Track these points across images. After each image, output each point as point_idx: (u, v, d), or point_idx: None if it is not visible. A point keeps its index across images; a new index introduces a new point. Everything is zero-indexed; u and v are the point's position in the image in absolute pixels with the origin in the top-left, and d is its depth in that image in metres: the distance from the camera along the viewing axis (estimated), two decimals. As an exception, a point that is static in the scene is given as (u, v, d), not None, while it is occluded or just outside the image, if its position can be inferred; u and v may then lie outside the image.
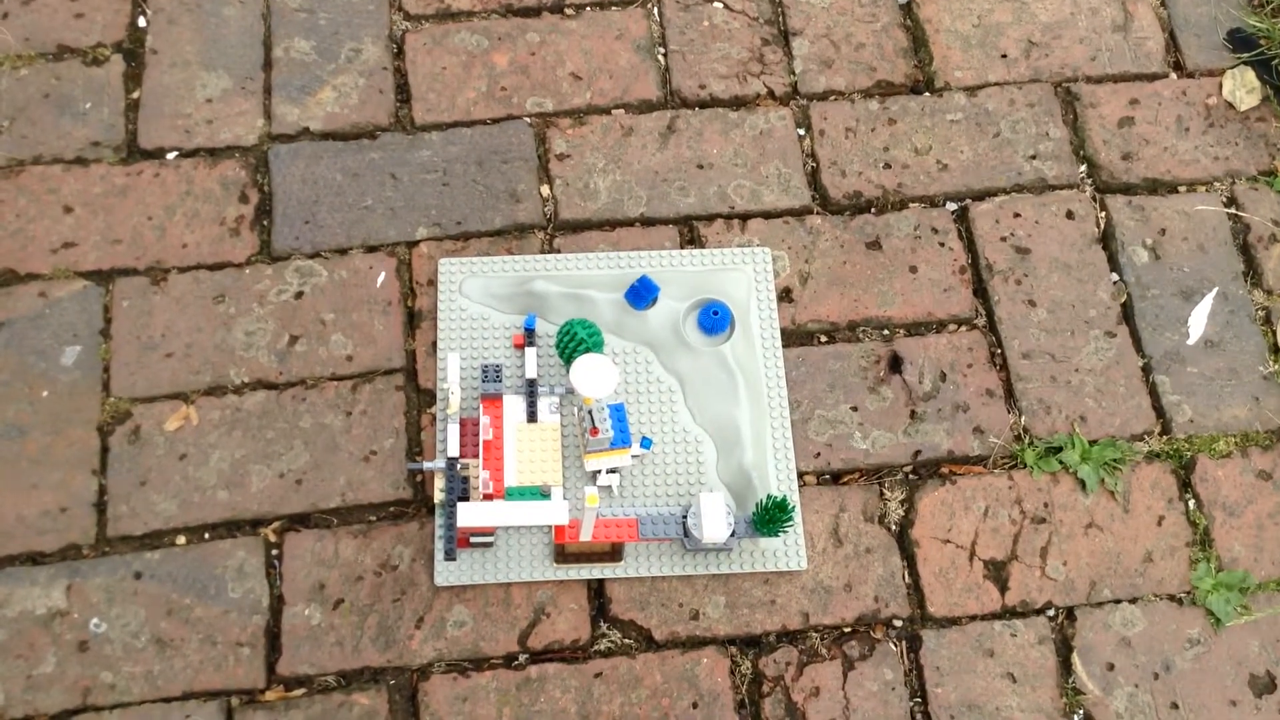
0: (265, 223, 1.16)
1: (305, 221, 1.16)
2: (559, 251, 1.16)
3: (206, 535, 1.03)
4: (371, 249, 1.15)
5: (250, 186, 1.18)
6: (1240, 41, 1.31)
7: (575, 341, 1.07)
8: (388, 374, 1.10)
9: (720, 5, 1.31)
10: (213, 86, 1.23)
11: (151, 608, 1.00)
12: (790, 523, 1.01)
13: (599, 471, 1.06)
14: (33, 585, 1.01)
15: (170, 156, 1.19)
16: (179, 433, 1.07)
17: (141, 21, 1.26)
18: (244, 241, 1.15)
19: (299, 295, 1.13)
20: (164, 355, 1.10)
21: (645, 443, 1.08)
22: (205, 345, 1.11)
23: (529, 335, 1.10)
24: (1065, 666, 1.02)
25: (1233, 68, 1.29)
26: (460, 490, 1.01)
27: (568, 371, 1.10)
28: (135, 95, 1.22)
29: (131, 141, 1.20)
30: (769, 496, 1.00)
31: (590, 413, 1.05)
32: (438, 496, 1.02)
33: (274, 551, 1.03)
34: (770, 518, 1.00)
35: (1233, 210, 1.21)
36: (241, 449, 1.06)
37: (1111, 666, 1.02)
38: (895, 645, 1.02)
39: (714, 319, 1.13)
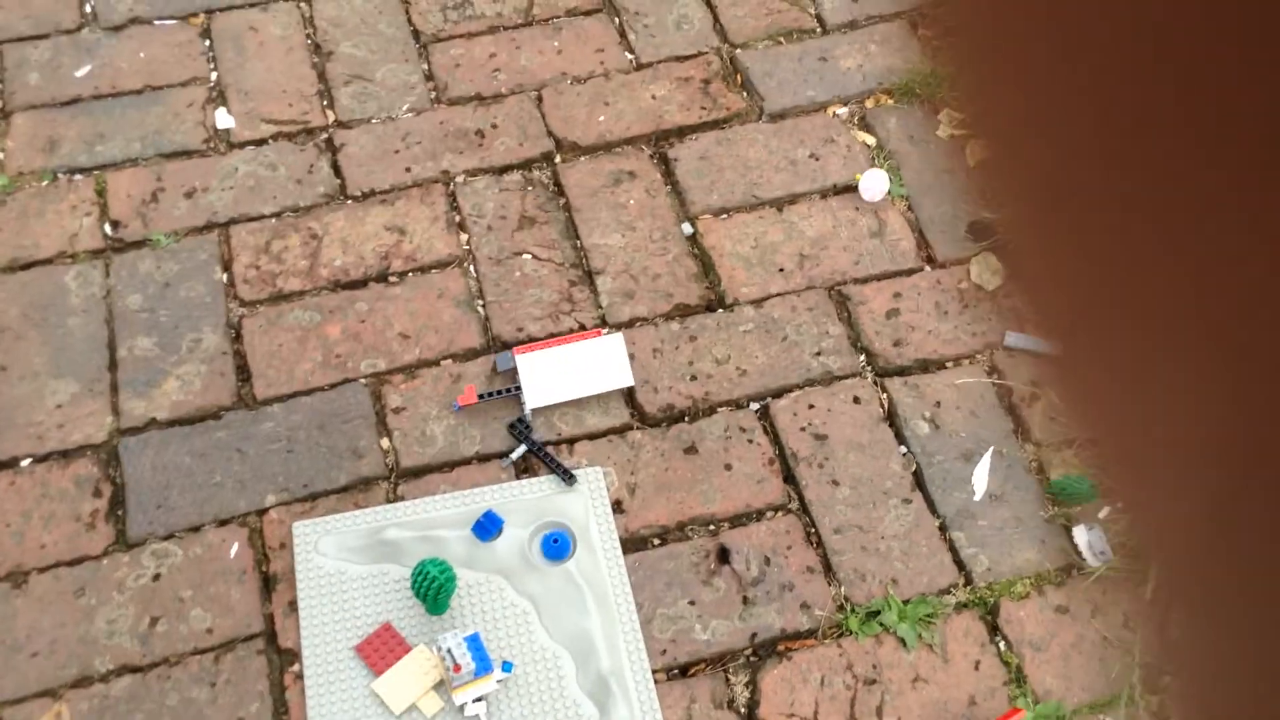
0: (120, 513, 1.23)
1: (158, 506, 1.23)
2: (404, 498, 1.26)
3: (81, 829, 1.05)
4: (223, 522, 1.23)
5: (103, 480, 1.25)
6: (980, 230, 1.52)
7: (428, 580, 1.15)
8: (248, 640, 1.15)
9: (529, 256, 1.46)
10: (62, 392, 1.31)
11: None
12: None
13: (465, 704, 1.13)
14: None
15: (25, 464, 1.26)
16: (47, 730, 1.10)
17: (-11, 340, 1.35)
18: (100, 534, 1.22)
19: (156, 577, 1.19)
20: (29, 655, 1.14)
21: (506, 666, 1.15)
22: (69, 639, 1.15)
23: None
24: (915, 817, 1.10)
25: (976, 255, 1.50)
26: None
27: (427, 610, 1.17)
28: (-14, 409, 1.30)
29: (-15, 453, 1.26)
30: None
31: (450, 651, 1.12)
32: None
33: (150, 834, 1.05)
34: None
35: (995, 378, 1.39)
36: (111, 736, 1.10)
37: (956, 809, 1.10)
38: (758, 824, 1.09)
39: (554, 546, 1.22)
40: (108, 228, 1.45)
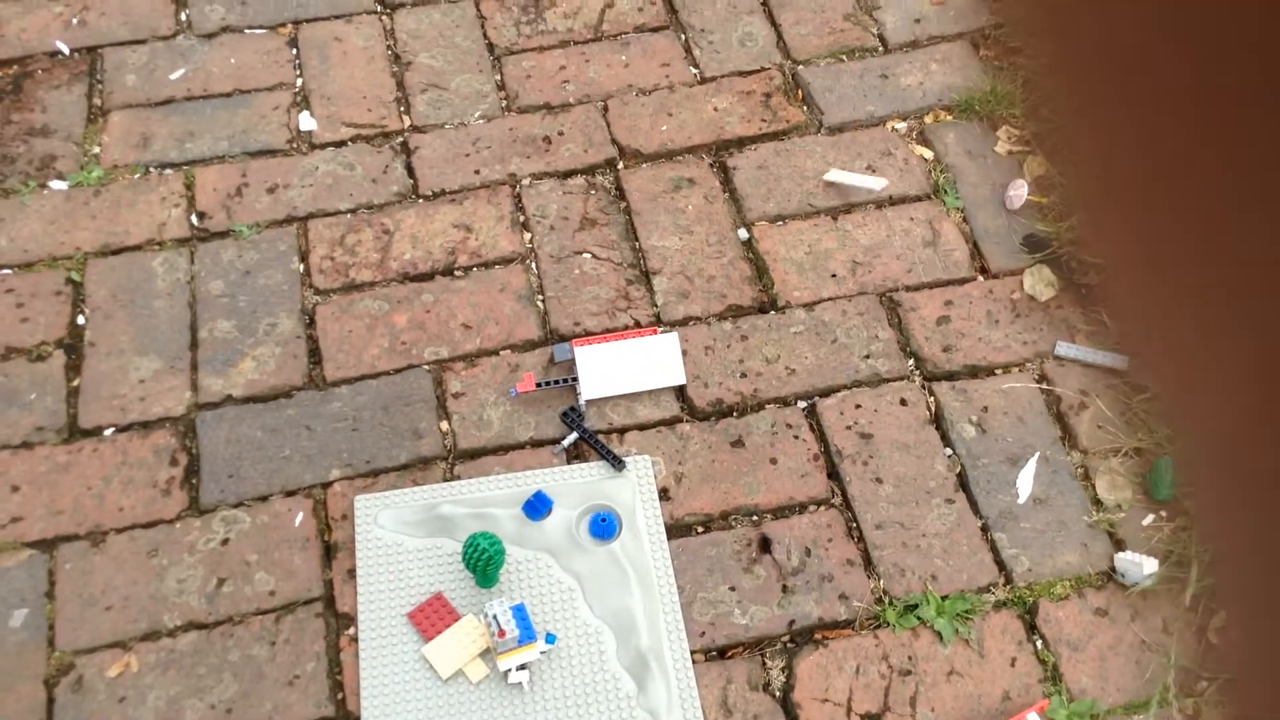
0: (194, 481, 1.30)
1: (229, 476, 1.30)
2: (459, 478, 1.31)
3: (144, 770, 1.11)
4: (290, 493, 1.29)
5: (179, 451, 1.32)
6: (1035, 244, 1.54)
7: (479, 552, 1.20)
8: (308, 603, 1.21)
9: (588, 256, 1.52)
10: (145, 368, 1.39)
11: (92, 844, 1.07)
12: None
13: (510, 670, 1.17)
14: (-21, 838, 1.07)
15: (108, 433, 1.34)
16: (120, 678, 1.16)
17: (80, 319, 1.43)
18: (174, 500, 1.29)
19: (225, 542, 1.25)
20: (104, 609, 1.21)
21: (550, 638, 1.19)
22: (141, 596, 1.22)
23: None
24: (946, 805, 1.11)
25: (1030, 266, 1.52)
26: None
27: (477, 583, 1.22)
28: (75, 383, 1.38)
29: (72, 423, 1.35)
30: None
31: (495, 617, 1.16)
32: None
33: (208, 779, 1.11)
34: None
35: (1044, 386, 1.40)
36: (176, 686, 1.16)
37: (987, 800, 1.11)
38: (789, 803, 1.11)
39: (603, 526, 1.27)
40: (194, 218, 1.54)
